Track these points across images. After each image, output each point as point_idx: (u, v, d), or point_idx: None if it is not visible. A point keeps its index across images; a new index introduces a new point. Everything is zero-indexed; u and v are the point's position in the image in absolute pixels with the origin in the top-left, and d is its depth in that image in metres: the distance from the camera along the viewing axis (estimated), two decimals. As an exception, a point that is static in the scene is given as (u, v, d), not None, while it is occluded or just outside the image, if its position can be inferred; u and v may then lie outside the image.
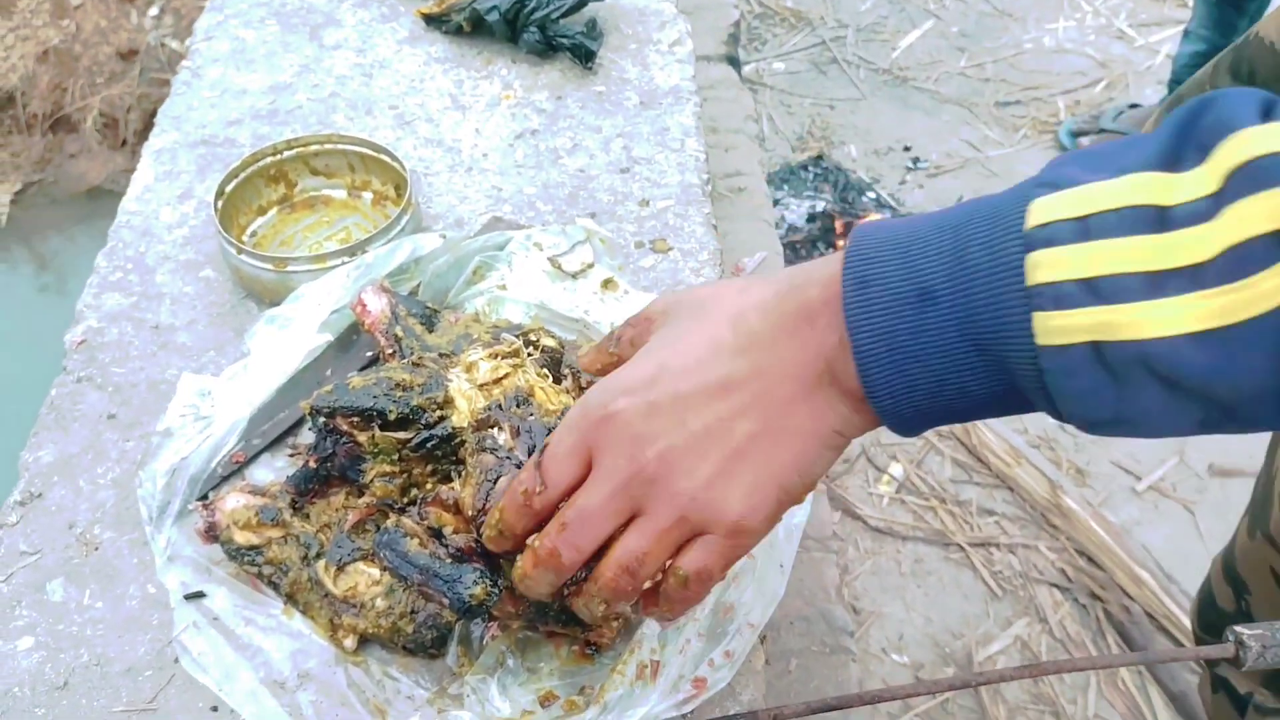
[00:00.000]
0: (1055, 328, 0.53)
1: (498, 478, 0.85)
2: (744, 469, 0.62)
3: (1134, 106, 3.16)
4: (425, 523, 0.93)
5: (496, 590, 0.87)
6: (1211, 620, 1.44)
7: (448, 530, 0.91)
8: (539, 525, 0.73)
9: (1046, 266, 0.53)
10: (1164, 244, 0.51)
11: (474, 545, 0.88)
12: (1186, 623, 2.07)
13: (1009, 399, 0.58)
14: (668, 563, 0.66)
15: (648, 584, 0.69)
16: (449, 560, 0.90)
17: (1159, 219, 0.52)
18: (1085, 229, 0.53)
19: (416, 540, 0.92)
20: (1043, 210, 0.54)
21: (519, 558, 0.75)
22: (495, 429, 0.91)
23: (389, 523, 0.96)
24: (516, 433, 0.90)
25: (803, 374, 0.63)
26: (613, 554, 0.67)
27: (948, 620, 2.17)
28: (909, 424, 0.62)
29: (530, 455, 0.85)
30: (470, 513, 0.87)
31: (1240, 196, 0.49)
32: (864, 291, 0.59)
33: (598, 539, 0.68)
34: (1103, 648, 2.11)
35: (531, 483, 0.71)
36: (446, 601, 0.88)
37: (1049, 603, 2.18)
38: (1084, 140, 3.13)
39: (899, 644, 2.13)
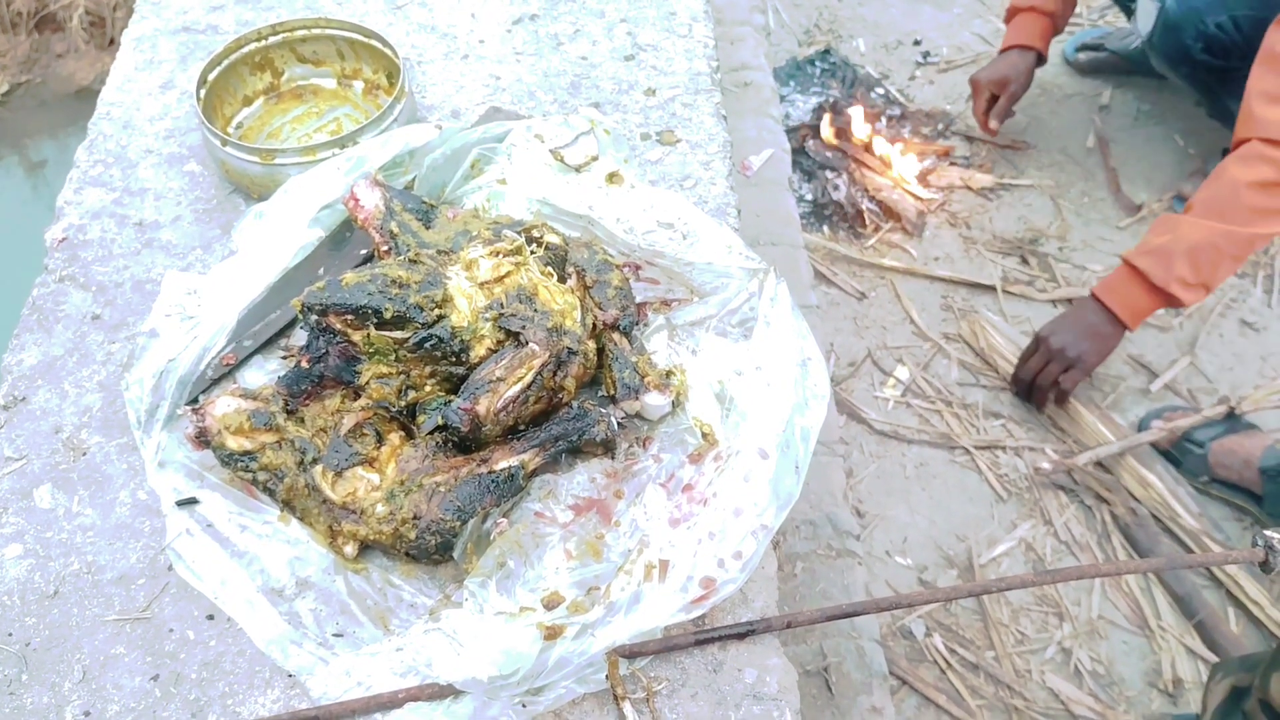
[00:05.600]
0: None
1: None
2: None
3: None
4: None
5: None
6: None
7: None
8: None
9: None
10: None
11: None
12: (1193, 524, 2.06)
13: None
14: None
15: None
16: None
17: None
18: None
19: None
20: None
21: None
22: None
23: None
24: None
25: None
26: None
27: (952, 523, 2.14)
28: None
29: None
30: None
31: None
32: None
33: None
34: (1108, 550, 2.09)
35: None
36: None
37: (1054, 505, 2.16)
38: (1081, 57, 3.00)
39: (903, 546, 2.11)
